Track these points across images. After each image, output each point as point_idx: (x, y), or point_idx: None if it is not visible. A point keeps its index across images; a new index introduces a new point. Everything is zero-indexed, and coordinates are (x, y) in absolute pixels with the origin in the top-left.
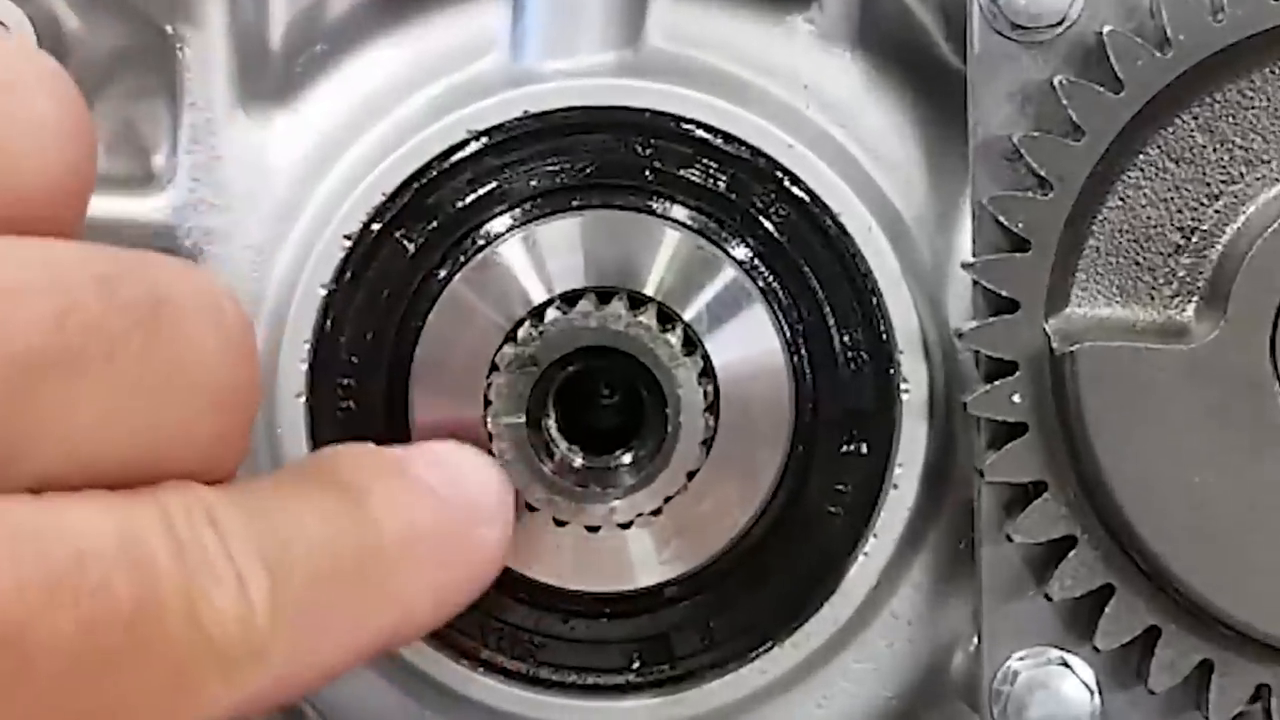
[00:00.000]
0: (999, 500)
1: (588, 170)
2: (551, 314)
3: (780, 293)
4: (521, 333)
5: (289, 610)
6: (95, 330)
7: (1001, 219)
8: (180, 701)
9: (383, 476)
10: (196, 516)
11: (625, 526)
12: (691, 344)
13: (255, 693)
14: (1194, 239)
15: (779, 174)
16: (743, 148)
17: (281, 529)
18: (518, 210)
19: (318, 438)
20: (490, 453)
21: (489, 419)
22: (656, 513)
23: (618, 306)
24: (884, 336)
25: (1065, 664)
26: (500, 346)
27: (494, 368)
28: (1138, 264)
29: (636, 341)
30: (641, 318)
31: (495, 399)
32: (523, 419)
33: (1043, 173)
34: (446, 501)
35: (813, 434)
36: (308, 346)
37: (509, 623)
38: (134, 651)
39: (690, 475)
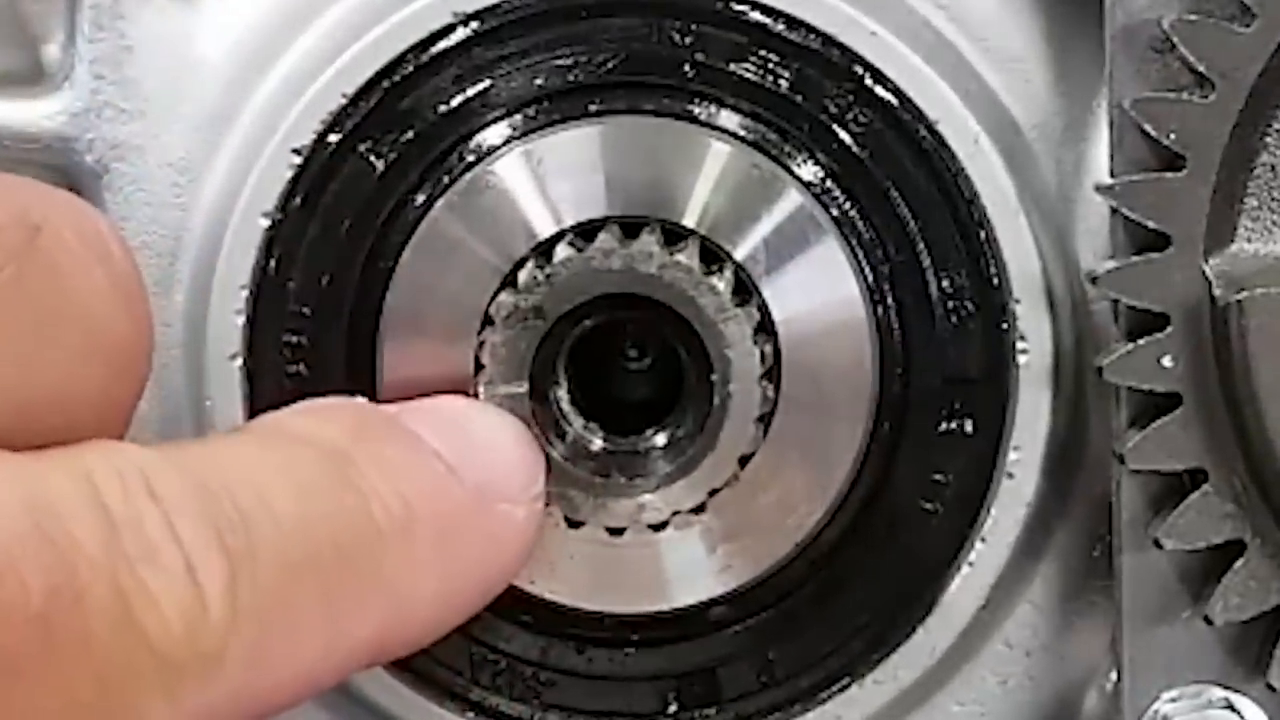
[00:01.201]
0: (1144, 494)
1: (610, 64)
2: (562, 252)
3: (860, 224)
4: (523, 276)
5: (251, 605)
6: None
7: (1148, 128)
8: (113, 716)
9: (372, 437)
10: (132, 485)
11: (658, 528)
12: (745, 291)
13: (209, 706)
14: None
15: (858, 69)
16: (811, 35)
17: (242, 502)
18: (518, 117)
19: (258, 411)
20: None
21: (481, 387)
22: (699, 510)
23: (649, 242)
24: (995, 281)
25: (1230, 706)
26: (496, 294)
27: (488, 321)
28: None
29: (673, 288)
30: (680, 257)
31: (490, 362)
32: (525, 388)
33: (1202, 67)
34: (456, 470)
35: (902, 408)
36: (245, 294)
37: (507, 653)
38: (45, 657)
39: (743, 461)
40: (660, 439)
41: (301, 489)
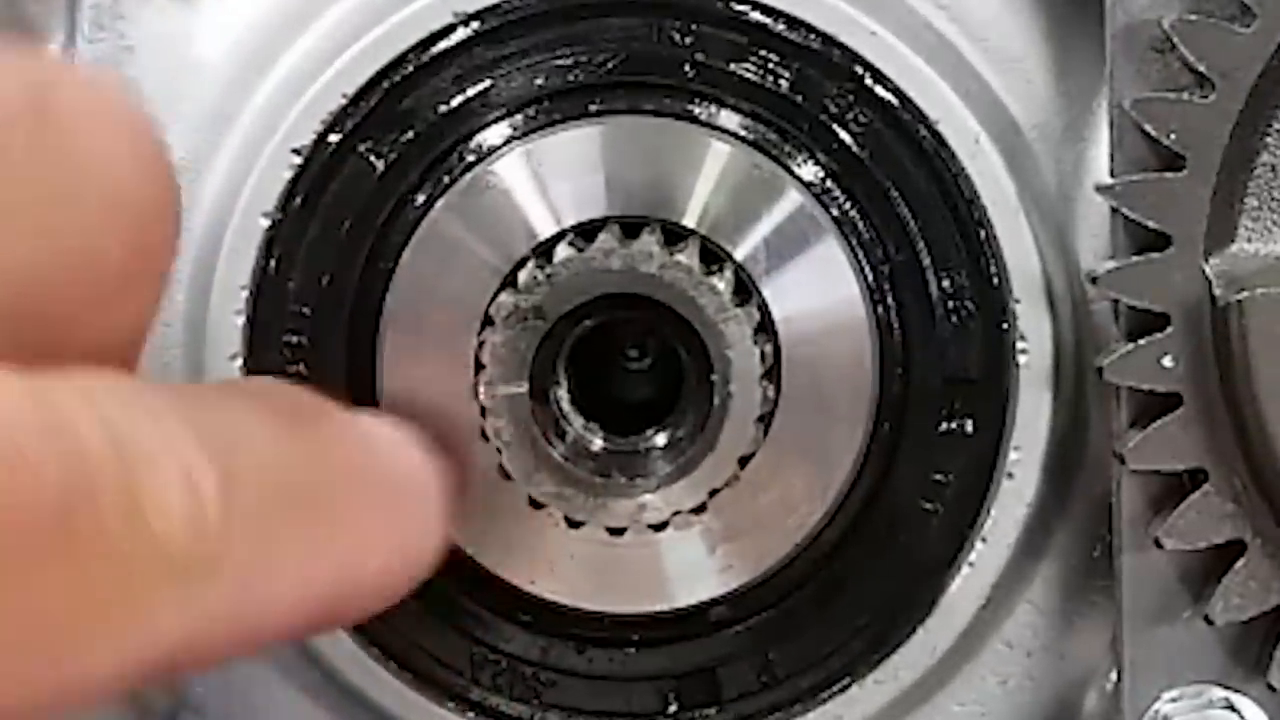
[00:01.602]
0: (1145, 494)
1: (610, 64)
2: (562, 252)
3: (860, 224)
4: (523, 277)
5: (242, 516)
6: None
7: (1148, 128)
8: (128, 611)
9: (328, 415)
10: (126, 398)
11: (659, 529)
12: (745, 291)
13: (209, 616)
14: None
15: (858, 69)
16: (811, 35)
17: (227, 430)
18: (518, 117)
19: None
20: (483, 432)
21: (482, 388)
22: (699, 510)
23: (649, 242)
24: (995, 281)
25: (1230, 706)
26: (496, 294)
27: (488, 322)
28: None
29: (673, 288)
30: (680, 257)
31: (490, 362)
32: (525, 388)
33: (1202, 67)
34: (393, 458)
35: (903, 408)
36: (245, 294)
37: (507, 653)
38: (66, 549)
39: (743, 461)
40: (660, 439)
41: (277, 435)
